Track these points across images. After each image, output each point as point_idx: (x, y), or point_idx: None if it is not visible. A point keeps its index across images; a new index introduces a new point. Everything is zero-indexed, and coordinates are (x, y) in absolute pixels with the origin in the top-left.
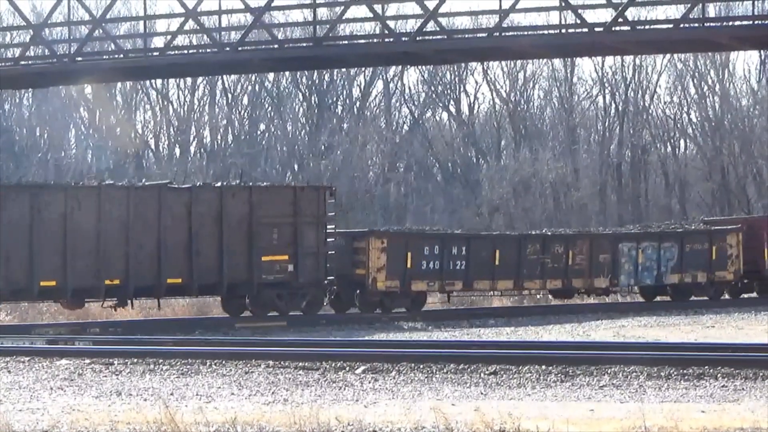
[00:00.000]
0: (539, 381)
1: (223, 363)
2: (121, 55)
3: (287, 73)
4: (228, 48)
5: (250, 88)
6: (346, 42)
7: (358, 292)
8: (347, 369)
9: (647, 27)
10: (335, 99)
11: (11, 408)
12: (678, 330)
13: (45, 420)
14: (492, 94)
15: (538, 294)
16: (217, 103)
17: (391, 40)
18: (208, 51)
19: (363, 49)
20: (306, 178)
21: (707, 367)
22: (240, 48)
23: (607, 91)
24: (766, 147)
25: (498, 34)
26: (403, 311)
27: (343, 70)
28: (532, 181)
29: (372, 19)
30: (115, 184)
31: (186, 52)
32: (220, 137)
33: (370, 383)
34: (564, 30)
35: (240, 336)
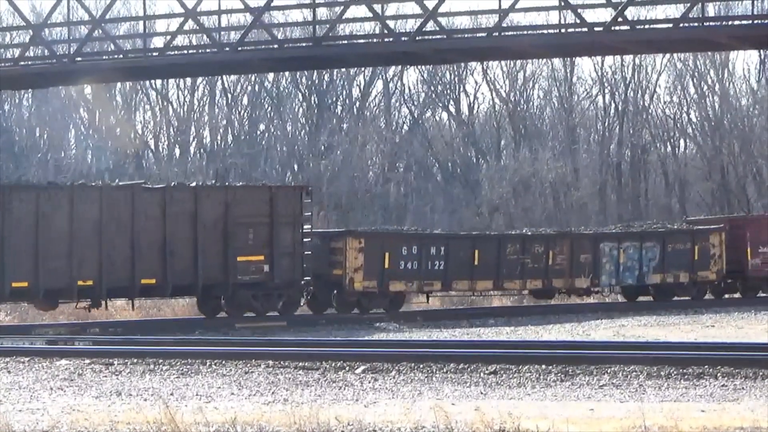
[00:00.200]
0: (539, 380)
1: (223, 363)
2: (121, 56)
3: (287, 73)
4: (228, 48)
5: (249, 88)
6: (345, 42)
7: (335, 292)
8: (347, 369)
9: (647, 26)
10: (335, 99)
11: (11, 408)
12: (678, 329)
13: (45, 420)
14: (492, 93)
15: (517, 294)
16: (217, 104)
17: (391, 39)
18: (207, 51)
19: (362, 49)
20: (306, 178)
21: (707, 367)
22: (239, 48)
23: (607, 91)
24: (765, 146)
25: (497, 33)
26: (382, 312)
27: (343, 70)
28: (531, 181)
29: (371, 19)
30: (88, 184)
31: (186, 52)
32: (219, 137)
33: (370, 383)
34: (563, 29)
35: (240, 336)
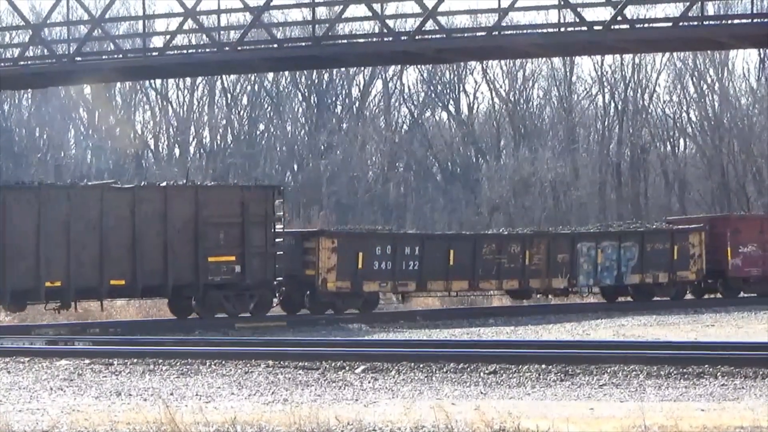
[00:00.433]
0: (539, 380)
1: (223, 363)
2: (121, 55)
3: (286, 73)
4: (227, 48)
5: (249, 88)
6: (345, 41)
7: (308, 293)
8: (347, 368)
9: (646, 25)
10: (334, 99)
11: (11, 408)
12: (677, 329)
13: (45, 420)
14: (491, 93)
15: (494, 294)
16: (217, 103)
17: (390, 39)
18: (207, 51)
19: (362, 49)
20: (305, 177)
21: (707, 366)
22: (239, 48)
23: (607, 90)
24: (765, 146)
25: (497, 33)
26: (356, 312)
27: (343, 69)
28: (531, 181)
29: (371, 19)
30: (55, 183)
31: (185, 51)
32: (219, 137)
33: (369, 383)
34: (563, 29)
35: (240, 336)
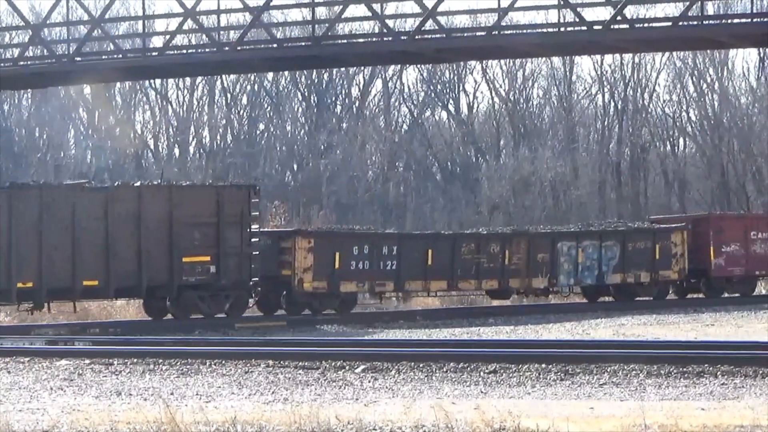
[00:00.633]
0: (539, 379)
1: (223, 363)
2: (120, 55)
3: (286, 73)
4: (227, 48)
5: (249, 87)
6: (344, 41)
7: (284, 293)
8: (347, 368)
9: (646, 25)
10: (334, 98)
11: (11, 408)
12: (677, 328)
13: (45, 420)
14: (491, 92)
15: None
16: (217, 103)
17: (390, 39)
18: (207, 51)
19: (362, 49)
20: (305, 177)
21: (707, 365)
22: (239, 47)
23: (606, 90)
24: (765, 145)
25: (497, 32)
26: (333, 313)
27: (342, 69)
28: (531, 180)
29: (371, 18)
30: (28, 183)
31: (185, 51)
32: (219, 137)
33: (370, 382)
34: (563, 28)
35: (240, 336)
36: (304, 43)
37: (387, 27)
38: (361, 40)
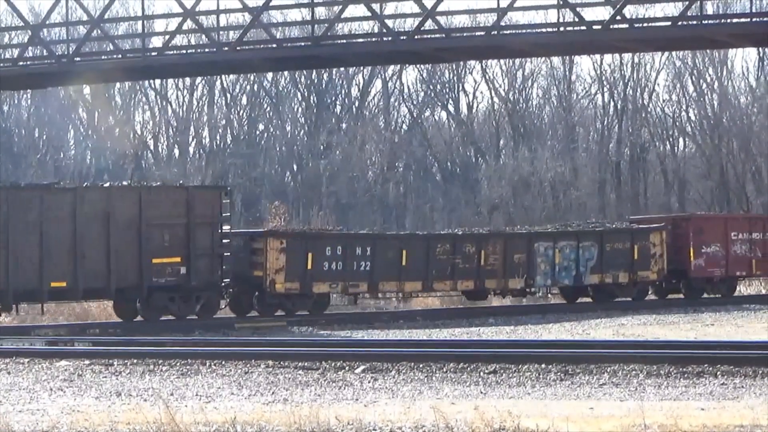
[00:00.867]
0: (539, 380)
1: (223, 363)
2: (120, 56)
3: (286, 73)
4: (226, 48)
5: (248, 87)
6: (344, 41)
7: (257, 294)
8: (347, 368)
9: (645, 25)
10: (334, 98)
11: (11, 409)
12: (677, 328)
13: (45, 421)
14: (491, 92)
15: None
16: (216, 103)
17: (390, 39)
18: (206, 51)
19: (361, 48)
20: (305, 177)
21: (707, 365)
22: (238, 48)
23: (606, 89)
24: (764, 145)
25: (496, 32)
26: (306, 314)
27: (342, 69)
28: (531, 180)
29: (370, 18)
30: None
31: (184, 52)
32: (219, 137)
33: (369, 383)
34: (562, 28)
35: (239, 336)
36: (303, 43)
37: (386, 27)
38: (361, 40)
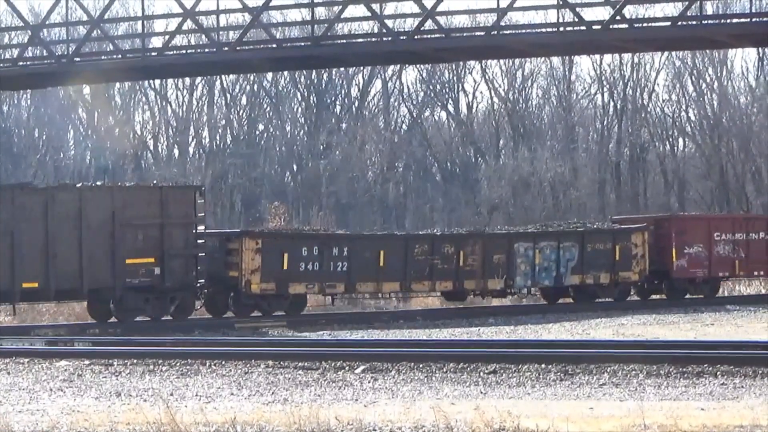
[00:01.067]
0: (539, 380)
1: (223, 363)
2: (120, 56)
3: (285, 73)
4: (226, 48)
5: (248, 88)
6: (344, 41)
7: (232, 295)
8: (347, 369)
9: (645, 25)
10: (334, 98)
11: (11, 409)
12: (677, 328)
13: (45, 421)
14: (490, 92)
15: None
16: (216, 103)
17: (390, 39)
18: (206, 51)
19: (361, 49)
20: (305, 178)
21: (706, 365)
22: (238, 48)
23: (606, 89)
24: (764, 145)
25: (496, 32)
26: (282, 314)
27: (342, 69)
28: (530, 180)
29: (370, 18)
30: None
31: (184, 52)
32: (218, 137)
33: (369, 383)
34: (562, 28)
35: (239, 336)
36: (303, 43)
37: (386, 27)
38: (361, 40)
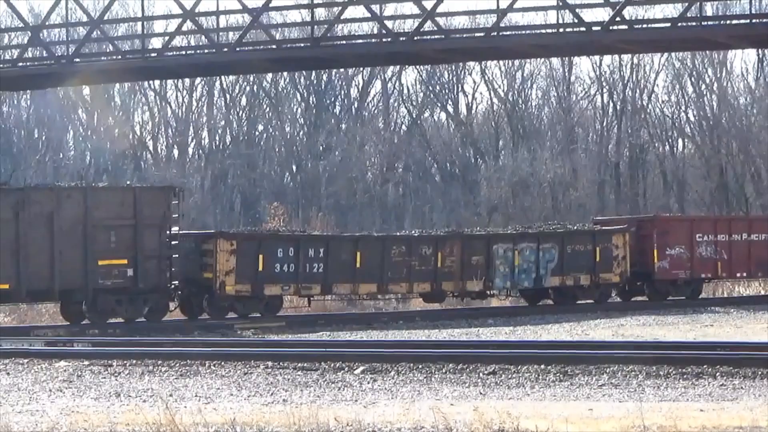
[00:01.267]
0: (538, 380)
1: (222, 364)
2: (119, 56)
3: (285, 74)
4: (226, 48)
5: (248, 88)
6: (344, 42)
7: (207, 296)
8: (346, 369)
9: (645, 26)
10: (333, 99)
11: (10, 410)
12: (677, 329)
13: (44, 422)
14: (490, 93)
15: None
16: (216, 104)
17: (389, 40)
18: (206, 51)
19: (361, 49)
20: (304, 178)
21: (706, 366)
22: (238, 48)
23: (605, 90)
24: (764, 146)
25: (496, 33)
26: (258, 316)
27: (341, 70)
28: (530, 181)
29: (370, 19)
30: None
31: (184, 52)
32: (218, 138)
33: (369, 383)
34: (562, 29)
35: (239, 337)
36: (303, 44)
37: (386, 28)
38: (360, 41)
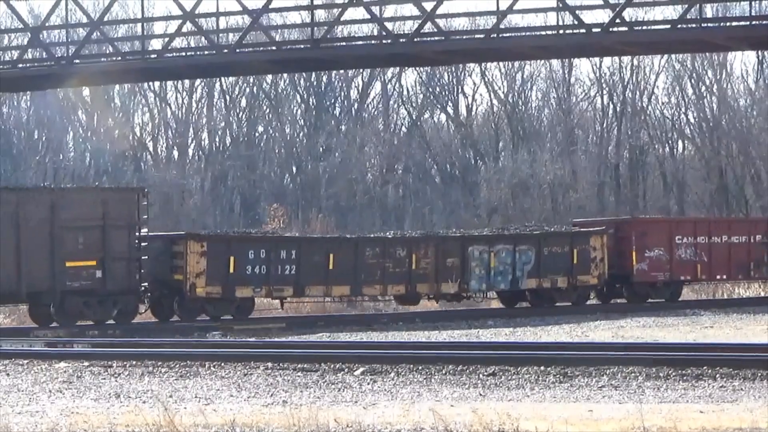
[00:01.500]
0: (538, 382)
1: (222, 365)
2: (119, 58)
3: (285, 75)
4: (226, 50)
5: (248, 90)
6: (344, 43)
7: (177, 298)
8: (346, 370)
9: (645, 28)
10: (333, 101)
11: (10, 411)
12: (676, 330)
13: (44, 423)
14: (490, 95)
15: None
16: (215, 105)
17: (389, 41)
18: (206, 53)
19: (361, 51)
20: (304, 180)
21: (706, 368)
22: (238, 50)
23: (605, 92)
24: (764, 147)
25: (496, 35)
26: (230, 318)
27: (341, 71)
28: (530, 183)
29: (370, 21)
30: None
31: (184, 54)
32: (218, 139)
33: (369, 384)
34: (561, 31)
35: (239, 338)
36: (303, 45)
37: (386, 29)
38: (360, 42)
